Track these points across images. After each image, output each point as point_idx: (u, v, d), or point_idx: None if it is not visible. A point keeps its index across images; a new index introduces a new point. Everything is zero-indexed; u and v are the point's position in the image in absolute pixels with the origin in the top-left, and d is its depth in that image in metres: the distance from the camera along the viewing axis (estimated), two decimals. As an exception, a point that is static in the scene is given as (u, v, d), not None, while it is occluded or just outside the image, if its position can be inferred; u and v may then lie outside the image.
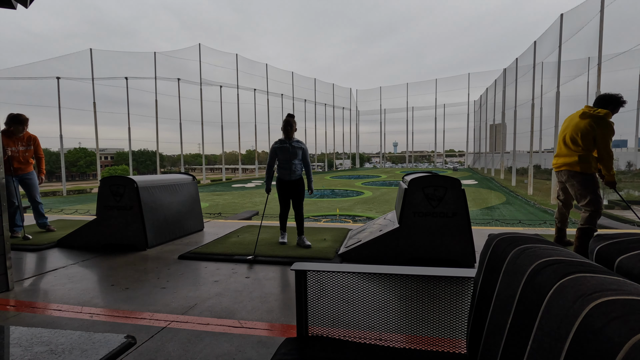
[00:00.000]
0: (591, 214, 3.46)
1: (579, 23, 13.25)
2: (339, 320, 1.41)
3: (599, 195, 3.50)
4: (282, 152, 4.12)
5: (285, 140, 4.15)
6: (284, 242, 4.28)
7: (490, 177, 28.14)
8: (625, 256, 0.89)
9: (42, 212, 5.10)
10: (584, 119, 3.49)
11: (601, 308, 0.59)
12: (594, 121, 3.42)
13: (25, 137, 4.81)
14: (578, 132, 3.51)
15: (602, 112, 3.43)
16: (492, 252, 1.05)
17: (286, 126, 4.12)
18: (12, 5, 3.48)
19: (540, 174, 19.37)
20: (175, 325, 2.32)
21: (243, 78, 30.37)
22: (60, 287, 3.07)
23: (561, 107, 14.23)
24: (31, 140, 4.88)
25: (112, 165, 60.22)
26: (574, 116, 3.67)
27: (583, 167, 3.50)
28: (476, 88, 40.11)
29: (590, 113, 3.48)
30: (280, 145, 4.14)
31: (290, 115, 4.22)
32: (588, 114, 3.49)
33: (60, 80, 21.78)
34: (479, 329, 1.04)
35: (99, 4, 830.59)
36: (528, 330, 0.75)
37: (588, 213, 3.48)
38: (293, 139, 4.17)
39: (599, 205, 3.47)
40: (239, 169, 35.86)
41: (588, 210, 3.48)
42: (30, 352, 0.96)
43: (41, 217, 5.11)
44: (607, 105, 3.50)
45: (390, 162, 59.50)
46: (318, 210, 12.50)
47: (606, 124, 3.40)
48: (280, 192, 4.23)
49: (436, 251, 3.56)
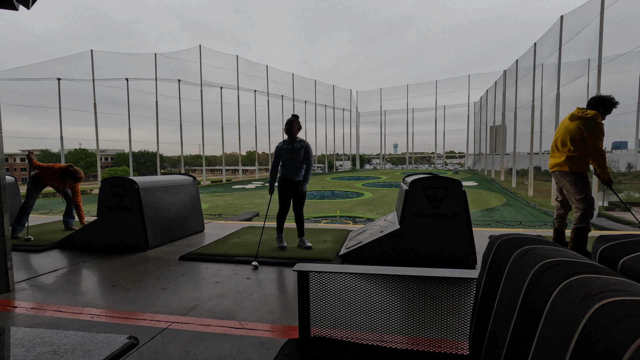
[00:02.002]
0: (583, 213, 3.50)
1: (579, 25, 13.28)
2: (340, 321, 1.41)
3: (590, 195, 3.53)
4: (285, 152, 4.11)
5: (289, 141, 4.14)
6: (283, 246, 4.13)
7: (491, 178, 28.14)
8: (628, 257, 0.89)
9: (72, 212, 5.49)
10: (573, 121, 3.56)
11: (607, 309, 0.59)
12: (583, 123, 3.47)
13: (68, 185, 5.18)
14: (567, 134, 3.57)
15: (590, 113, 3.48)
16: (495, 253, 1.05)
17: (288, 126, 4.11)
18: (14, 6, 3.49)
19: (540, 175, 19.36)
20: (176, 326, 2.31)
21: (243, 79, 30.43)
22: (61, 288, 3.07)
23: (561, 108, 14.25)
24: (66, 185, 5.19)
25: (112, 166, 60.26)
26: (566, 119, 3.73)
27: (572, 166, 3.55)
28: (476, 89, 40.18)
29: (578, 115, 3.54)
30: (284, 146, 4.13)
31: (294, 116, 4.20)
32: (577, 115, 3.55)
33: (61, 82, 21.82)
34: (482, 330, 1.04)
35: (101, 5, 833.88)
36: (532, 331, 0.74)
37: (580, 212, 3.52)
38: (297, 139, 4.15)
39: (590, 204, 3.50)
40: (239, 170, 35.86)
41: (580, 210, 3.52)
42: (33, 353, 0.95)
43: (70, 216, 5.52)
44: (598, 107, 3.55)
45: (390, 164, 59.49)
46: (318, 212, 12.50)
47: (595, 125, 3.44)
48: (282, 191, 4.17)
49: (437, 252, 3.56)
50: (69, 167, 5.04)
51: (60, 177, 5.02)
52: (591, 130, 3.43)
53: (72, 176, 5.04)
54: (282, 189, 4.18)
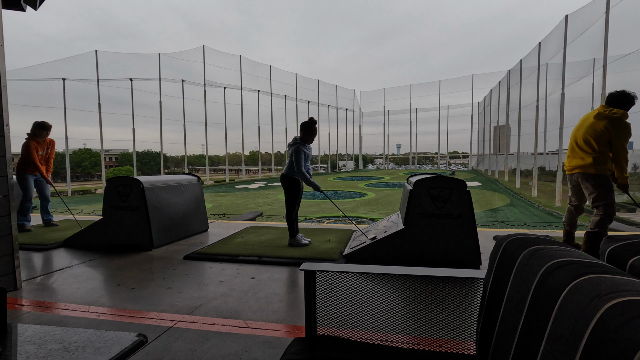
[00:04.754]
0: (602, 218, 3.37)
1: (584, 24, 13.19)
2: (346, 320, 1.41)
3: (613, 200, 3.38)
4: (306, 154, 4.18)
5: (304, 143, 4.16)
6: (307, 241, 4.29)
7: (494, 179, 28.00)
8: (637, 257, 0.89)
9: (49, 209, 5.63)
10: (600, 119, 3.35)
11: (617, 308, 0.59)
12: (610, 123, 3.28)
13: (47, 141, 5.38)
14: (592, 133, 3.37)
15: (618, 112, 3.28)
16: (503, 253, 1.05)
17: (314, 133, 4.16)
18: (22, 7, 3.53)
19: (544, 176, 19.25)
20: (182, 325, 2.33)
21: (247, 79, 30.48)
22: (67, 286, 3.09)
23: (566, 108, 14.15)
24: (50, 144, 5.43)
25: (116, 166, 60.58)
26: (588, 116, 3.52)
27: (598, 169, 3.38)
28: (480, 89, 39.97)
29: (606, 114, 3.33)
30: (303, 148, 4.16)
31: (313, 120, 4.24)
32: (604, 114, 3.34)
33: (66, 82, 21.98)
34: (489, 330, 1.04)
35: (107, 6, 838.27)
36: (541, 332, 0.74)
37: (599, 217, 3.38)
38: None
39: (611, 210, 3.36)
40: (242, 170, 35.93)
41: (599, 214, 3.38)
42: (44, 350, 0.97)
43: (48, 214, 5.61)
44: (624, 105, 3.33)
45: (393, 164, 59.38)
46: (321, 212, 12.50)
47: (624, 125, 3.26)
48: (299, 192, 4.23)
49: (441, 252, 3.55)
50: (34, 122, 5.26)
51: (32, 134, 5.16)
52: (620, 131, 3.25)
53: (41, 126, 5.21)
54: (299, 190, 4.23)
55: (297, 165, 4.02)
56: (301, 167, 4.01)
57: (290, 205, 4.20)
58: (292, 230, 4.22)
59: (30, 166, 5.15)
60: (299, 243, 4.21)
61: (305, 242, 4.27)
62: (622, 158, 3.32)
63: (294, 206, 4.20)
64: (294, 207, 4.21)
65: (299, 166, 4.02)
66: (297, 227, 4.29)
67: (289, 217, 4.21)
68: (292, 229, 4.22)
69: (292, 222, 4.21)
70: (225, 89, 29.09)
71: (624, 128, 3.27)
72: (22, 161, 5.15)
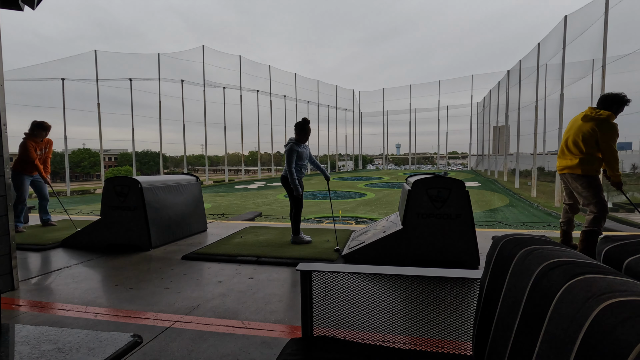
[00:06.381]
0: (596, 216, 3.43)
1: (583, 25, 13.20)
2: (343, 321, 1.41)
3: (603, 198, 3.46)
4: (303, 154, 4.36)
5: (298, 143, 4.34)
6: (309, 239, 4.42)
7: (494, 179, 28.02)
8: (633, 258, 0.89)
9: (47, 209, 5.64)
10: (587, 121, 3.44)
11: (611, 309, 0.58)
12: (596, 124, 3.36)
13: (44, 141, 5.37)
14: (580, 135, 3.47)
15: (604, 114, 3.37)
16: (499, 254, 1.05)
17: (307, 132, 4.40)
18: (19, 7, 3.52)
19: (544, 176, 19.27)
20: (179, 325, 2.32)
21: (246, 79, 30.46)
22: (64, 286, 3.09)
23: (565, 109, 14.17)
24: (47, 144, 5.42)
25: (115, 166, 60.51)
26: (577, 118, 3.61)
27: (585, 169, 3.46)
28: (479, 90, 39.97)
29: (592, 116, 3.42)
30: (301, 148, 4.35)
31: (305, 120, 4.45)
32: (590, 116, 3.43)
33: (65, 82, 21.95)
34: (485, 330, 1.03)
35: (106, 6, 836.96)
36: (536, 332, 0.74)
37: (592, 215, 3.45)
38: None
39: (603, 207, 3.43)
40: (242, 170, 35.92)
41: (593, 213, 3.45)
42: (38, 350, 0.96)
43: (46, 214, 5.64)
44: (611, 106, 3.43)
45: (393, 164, 59.38)
46: (321, 212, 12.49)
47: (609, 126, 3.34)
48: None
49: (440, 253, 3.55)
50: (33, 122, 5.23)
51: (31, 134, 5.14)
52: (605, 132, 3.32)
53: (40, 126, 5.19)
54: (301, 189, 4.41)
55: (287, 166, 4.27)
56: (292, 167, 4.22)
57: (294, 205, 4.36)
58: (295, 229, 4.38)
59: (27, 166, 5.11)
60: (302, 240, 4.37)
61: (308, 239, 4.41)
62: (611, 158, 3.38)
63: (301, 206, 4.38)
64: (301, 206, 4.38)
65: (289, 166, 4.25)
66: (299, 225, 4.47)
67: (293, 215, 4.40)
68: (296, 228, 4.38)
69: (296, 221, 4.38)
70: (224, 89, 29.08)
71: (610, 129, 3.34)
72: (18, 161, 5.10)
